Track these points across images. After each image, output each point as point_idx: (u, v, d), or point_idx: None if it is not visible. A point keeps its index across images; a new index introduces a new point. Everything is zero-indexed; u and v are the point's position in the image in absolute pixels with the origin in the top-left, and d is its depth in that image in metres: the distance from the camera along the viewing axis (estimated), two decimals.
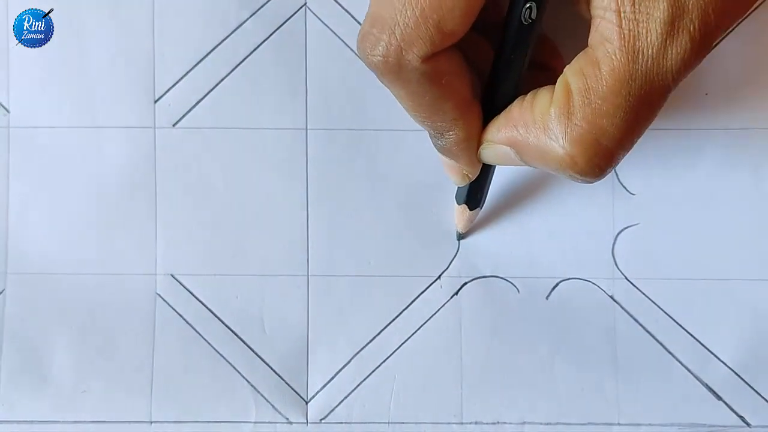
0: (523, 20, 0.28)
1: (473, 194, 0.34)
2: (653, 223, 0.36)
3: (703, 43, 0.26)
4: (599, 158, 0.27)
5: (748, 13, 0.36)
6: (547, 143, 0.28)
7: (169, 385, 0.36)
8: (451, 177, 0.33)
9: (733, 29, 0.36)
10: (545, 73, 0.30)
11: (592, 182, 0.28)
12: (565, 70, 0.28)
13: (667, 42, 0.26)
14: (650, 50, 0.26)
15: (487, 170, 0.33)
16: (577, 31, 0.29)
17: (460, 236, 0.36)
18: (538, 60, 0.31)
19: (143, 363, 0.36)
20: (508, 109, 0.30)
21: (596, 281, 0.36)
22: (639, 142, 0.36)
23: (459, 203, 0.35)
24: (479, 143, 0.31)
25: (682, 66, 0.26)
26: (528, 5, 0.28)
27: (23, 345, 0.37)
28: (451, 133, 0.30)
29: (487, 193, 0.35)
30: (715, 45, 0.36)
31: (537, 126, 0.28)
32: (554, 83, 0.28)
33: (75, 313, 0.37)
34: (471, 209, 0.35)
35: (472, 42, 0.30)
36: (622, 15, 0.26)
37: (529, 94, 0.29)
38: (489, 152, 0.31)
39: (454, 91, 0.29)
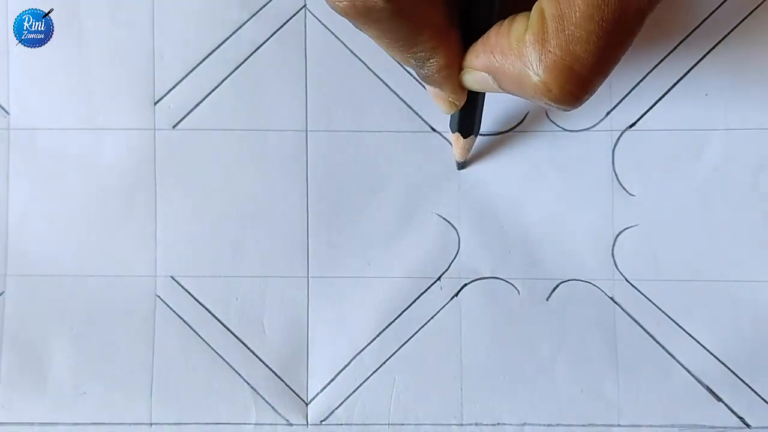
0: None
1: (464, 121, 0.34)
2: (653, 224, 0.36)
3: None
4: (573, 85, 0.27)
5: (749, 9, 0.36)
6: (523, 70, 0.27)
7: (169, 386, 0.36)
8: (439, 105, 0.32)
9: (733, 28, 0.36)
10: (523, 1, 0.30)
11: (568, 110, 0.28)
12: None
13: None
14: None
15: (474, 96, 0.32)
16: None
17: (460, 165, 0.36)
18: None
19: (143, 365, 0.36)
20: (486, 35, 0.29)
21: (596, 282, 0.36)
22: (638, 144, 0.36)
23: (453, 131, 0.34)
24: (461, 69, 0.30)
25: None
26: None
27: (23, 347, 0.37)
28: (431, 60, 0.30)
29: (480, 120, 0.34)
30: (716, 44, 0.36)
31: (513, 52, 0.27)
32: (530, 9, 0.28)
33: (75, 314, 0.37)
34: (464, 137, 0.34)
35: None
36: None
37: (506, 20, 0.29)
38: (469, 78, 0.30)
39: (428, 21, 0.28)
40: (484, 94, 0.33)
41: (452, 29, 0.30)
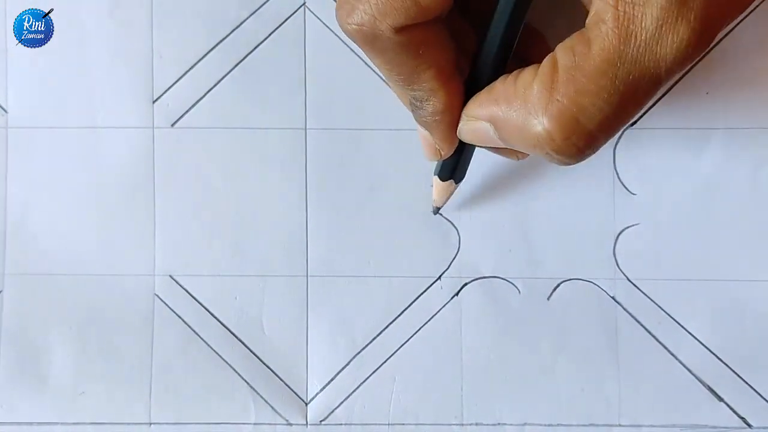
0: None
1: (447, 168, 0.33)
2: (654, 223, 0.36)
3: (703, 36, 0.25)
4: (578, 138, 0.26)
5: (749, 9, 0.36)
6: (527, 118, 0.27)
7: (168, 386, 0.36)
8: (424, 150, 0.32)
9: (732, 28, 0.36)
10: (532, 56, 0.30)
11: (569, 164, 0.28)
12: (556, 48, 0.27)
13: (663, 29, 0.25)
14: (644, 35, 0.25)
15: (462, 148, 0.32)
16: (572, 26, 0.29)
17: (436, 210, 0.36)
18: (524, 52, 0.31)
19: (142, 364, 0.36)
20: (491, 85, 0.29)
21: (597, 282, 0.36)
22: (639, 143, 0.36)
23: (434, 173, 0.34)
24: (457, 120, 0.30)
25: (677, 56, 0.25)
26: None
27: (22, 346, 0.37)
28: (428, 102, 0.30)
29: (465, 171, 0.34)
30: (715, 44, 0.36)
31: (518, 100, 0.27)
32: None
33: (74, 313, 0.37)
34: (442, 180, 0.34)
35: (459, 27, 0.30)
36: None
37: (514, 72, 0.29)
38: (468, 128, 0.30)
39: (432, 62, 0.29)
40: (473, 149, 0.33)
41: (456, 76, 0.30)
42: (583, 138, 0.26)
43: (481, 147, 0.32)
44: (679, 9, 0.25)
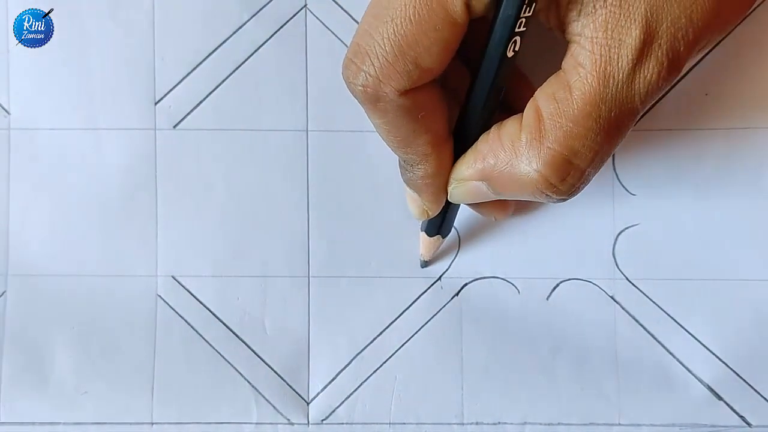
0: (508, 53, 0.28)
1: (433, 225, 0.34)
2: (654, 223, 0.36)
3: (671, 68, 0.27)
4: (573, 178, 0.28)
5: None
6: (521, 168, 0.28)
7: (170, 386, 0.36)
8: (412, 210, 0.33)
9: (732, 29, 0.36)
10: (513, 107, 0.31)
11: (566, 200, 0.29)
12: (535, 95, 0.29)
13: (636, 67, 0.27)
14: (621, 75, 0.27)
15: (447, 206, 0.33)
16: (545, 59, 0.29)
17: (425, 264, 0.37)
18: (506, 97, 0.31)
19: (144, 364, 0.36)
20: (474, 146, 0.30)
21: (597, 282, 0.36)
22: (639, 143, 0.36)
23: (422, 230, 0.35)
24: (446, 182, 0.31)
25: (649, 89, 0.27)
26: (514, 39, 0.28)
27: (24, 346, 0.37)
28: (420, 166, 0.31)
29: (452, 226, 0.35)
30: (715, 45, 0.36)
31: (508, 154, 0.29)
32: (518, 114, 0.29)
33: (76, 314, 0.37)
34: (429, 236, 0.35)
35: (454, 69, 0.31)
36: (595, 41, 0.27)
37: (492, 127, 0.30)
38: (460, 191, 0.31)
39: (429, 127, 0.30)
40: (459, 205, 0.34)
41: (448, 141, 0.31)
42: (577, 176, 0.28)
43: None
44: (649, 47, 0.27)
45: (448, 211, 0.34)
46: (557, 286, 0.36)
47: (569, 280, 0.36)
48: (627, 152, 0.36)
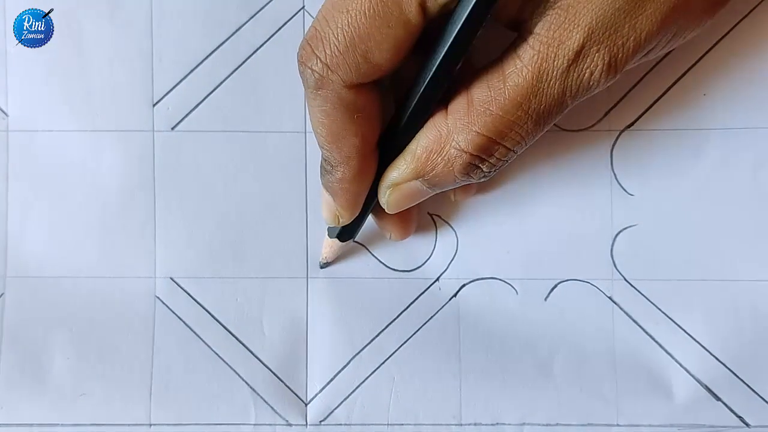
0: (456, 67, 0.29)
1: (345, 232, 0.34)
2: (652, 223, 0.36)
3: (608, 72, 0.28)
4: (500, 154, 0.30)
5: (748, 9, 0.36)
6: (450, 153, 0.29)
7: (168, 387, 0.36)
8: (325, 216, 0.34)
9: (731, 29, 0.36)
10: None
11: (488, 177, 0.31)
12: (470, 82, 0.29)
13: (572, 67, 0.28)
14: (555, 72, 0.28)
15: (362, 215, 0.33)
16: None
17: (325, 265, 0.37)
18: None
19: (143, 366, 0.36)
20: (404, 150, 0.31)
21: (595, 282, 0.36)
22: (637, 143, 0.36)
23: (330, 236, 0.35)
24: (362, 193, 0.32)
25: (581, 88, 0.29)
26: (463, 53, 0.28)
27: (22, 348, 0.37)
28: (340, 169, 0.31)
29: (358, 231, 0.35)
30: (714, 45, 0.36)
31: (438, 144, 0.30)
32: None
33: (74, 316, 0.37)
34: (342, 242, 0.35)
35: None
36: (537, 38, 0.28)
37: (419, 132, 0.30)
38: (396, 195, 0.32)
39: (360, 131, 0.30)
40: (369, 211, 0.34)
41: (374, 152, 0.31)
42: (504, 154, 0.30)
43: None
44: (587, 51, 0.28)
45: (361, 219, 0.34)
46: (555, 286, 0.36)
47: (567, 280, 0.36)
48: (625, 153, 0.36)
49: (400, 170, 0.31)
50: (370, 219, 0.35)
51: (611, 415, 0.36)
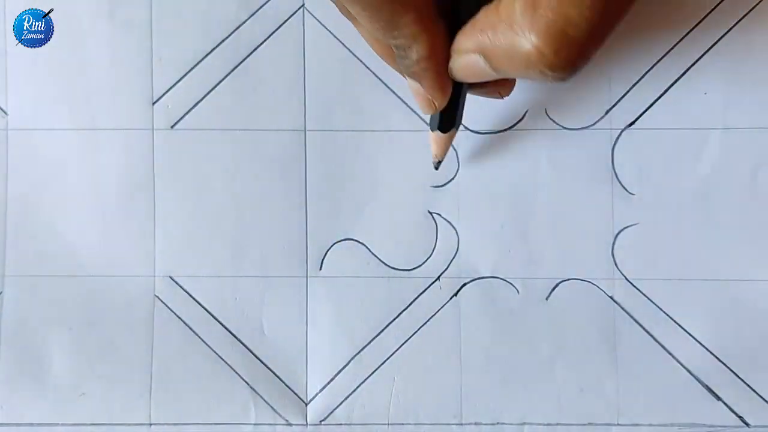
0: None
1: (445, 120, 0.33)
2: (653, 223, 0.36)
3: None
4: (568, 50, 0.26)
5: (747, 9, 0.36)
6: (515, 39, 0.26)
7: (168, 387, 0.36)
8: (419, 104, 0.32)
9: (731, 28, 0.36)
10: None
11: (564, 79, 0.27)
12: None
13: None
14: None
15: (456, 96, 0.32)
16: None
17: (438, 164, 0.35)
18: None
19: (142, 365, 0.36)
20: (474, 17, 0.29)
21: (596, 282, 0.36)
22: (637, 143, 0.36)
23: (432, 129, 0.34)
24: (445, 65, 0.30)
25: None
26: None
27: (21, 347, 0.37)
28: (412, 49, 0.29)
29: (461, 117, 0.33)
30: (714, 44, 0.36)
31: (503, 25, 0.27)
32: None
33: (74, 315, 0.37)
34: (443, 132, 0.33)
35: None
36: None
37: (494, 1, 0.28)
38: (458, 63, 0.30)
39: (411, 4, 0.28)
40: (465, 93, 0.32)
41: (439, 19, 0.29)
42: (574, 50, 0.26)
43: (471, 83, 0.31)
44: None
45: (458, 101, 0.32)
46: (556, 286, 0.36)
47: (568, 280, 0.36)
48: (626, 152, 0.36)
49: (465, 38, 0.29)
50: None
51: (612, 415, 0.36)
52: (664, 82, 0.36)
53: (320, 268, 0.37)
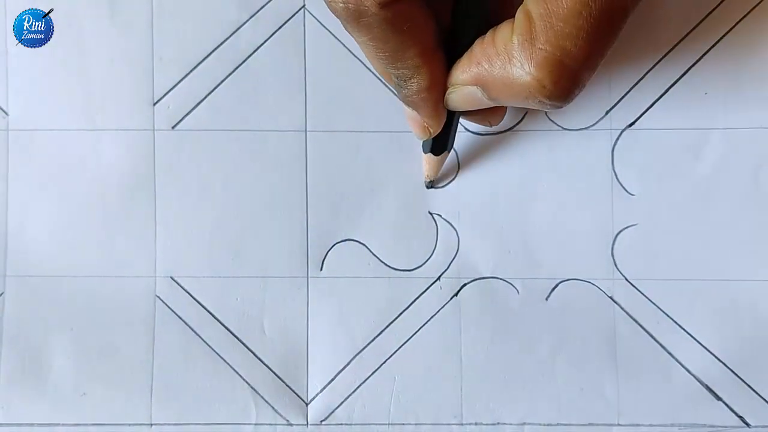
0: None
1: (437, 144, 0.34)
2: (652, 223, 0.36)
3: None
4: (566, 80, 0.28)
5: (747, 8, 0.36)
6: (513, 72, 0.28)
7: (169, 387, 0.36)
8: (414, 130, 0.33)
9: (731, 28, 0.36)
10: (504, 16, 0.30)
11: (560, 106, 0.29)
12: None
13: None
14: None
15: (450, 122, 0.33)
16: None
17: (430, 184, 0.36)
18: (494, 12, 0.31)
19: (143, 365, 0.36)
20: (469, 50, 0.30)
21: (596, 282, 0.36)
22: (638, 143, 0.36)
23: (425, 152, 0.35)
24: (443, 95, 0.31)
25: None
26: None
27: (23, 347, 0.37)
28: (413, 80, 0.30)
29: (453, 141, 0.35)
30: (714, 43, 0.36)
31: (501, 57, 0.28)
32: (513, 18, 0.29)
33: (74, 315, 0.37)
34: (436, 155, 0.34)
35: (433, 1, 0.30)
36: None
37: (488, 32, 0.30)
38: (456, 96, 0.31)
39: (416, 38, 0.29)
40: (458, 119, 0.34)
41: (439, 52, 0.31)
42: (570, 79, 0.28)
43: (465, 111, 0.33)
44: None
45: (451, 126, 0.33)
46: (556, 286, 0.36)
47: (568, 280, 0.36)
48: (626, 152, 0.36)
49: (461, 71, 0.30)
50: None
51: (612, 415, 0.36)
52: (665, 82, 0.36)
53: (321, 269, 0.37)
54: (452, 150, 0.36)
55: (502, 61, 0.28)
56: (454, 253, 0.37)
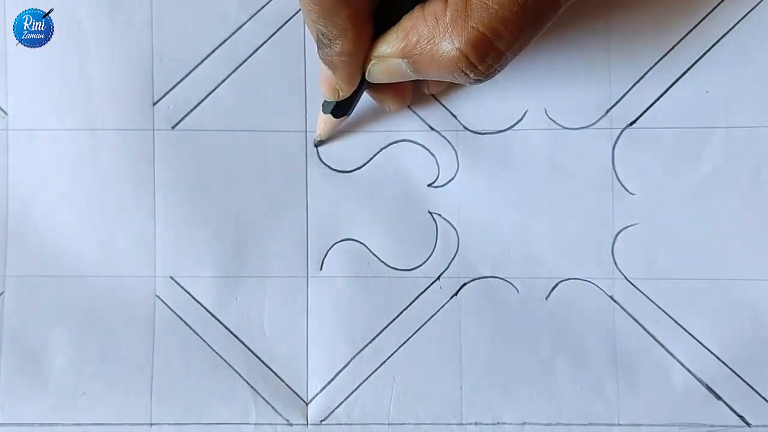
0: None
1: (340, 108, 0.34)
2: (653, 222, 0.36)
3: None
4: (491, 59, 0.29)
5: (748, 8, 0.36)
6: (442, 46, 0.29)
7: (169, 387, 0.36)
8: (323, 90, 0.34)
9: (732, 27, 0.36)
10: None
11: (481, 82, 0.30)
12: None
13: None
14: None
15: (358, 89, 0.33)
16: None
17: (319, 143, 0.37)
18: None
19: (143, 365, 0.36)
20: (398, 24, 0.31)
21: (596, 281, 0.36)
22: (638, 142, 0.36)
23: (325, 112, 0.35)
24: (364, 62, 0.32)
25: None
26: None
27: (23, 347, 0.37)
28: (338, 41, 0.31)
29: (354, 108, 0.35)
30: (715, 43, 0.36)
31: (431, 30, 0.29)
32: None
33: (74, 315, 0.37)
34: (336, 117, 0.35)
35: None
36: None
37: (416, 7, 0.30)
38: (379, 68, 0.32)
39: (350, 2, 0.30)
40: (364, 88, 0.34)
41: (369, 22, 0.31)
42: (496, 58, 0.29)
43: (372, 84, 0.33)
44: None
45: (358, 92, 0.34)
46: (556, 285, 0.36)
47: (568, 279, 0.36)
48: (626, 152, 0.36)
49: (388, 44, 0.31)
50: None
51: (612, 415, 0.36)
52: (666, 80, 0.36)
53: (321, 268, 0.37)
54: (453, 150, 0.36)
55: (432, 35, 0.29)
56: (453, 253, 0.37)
